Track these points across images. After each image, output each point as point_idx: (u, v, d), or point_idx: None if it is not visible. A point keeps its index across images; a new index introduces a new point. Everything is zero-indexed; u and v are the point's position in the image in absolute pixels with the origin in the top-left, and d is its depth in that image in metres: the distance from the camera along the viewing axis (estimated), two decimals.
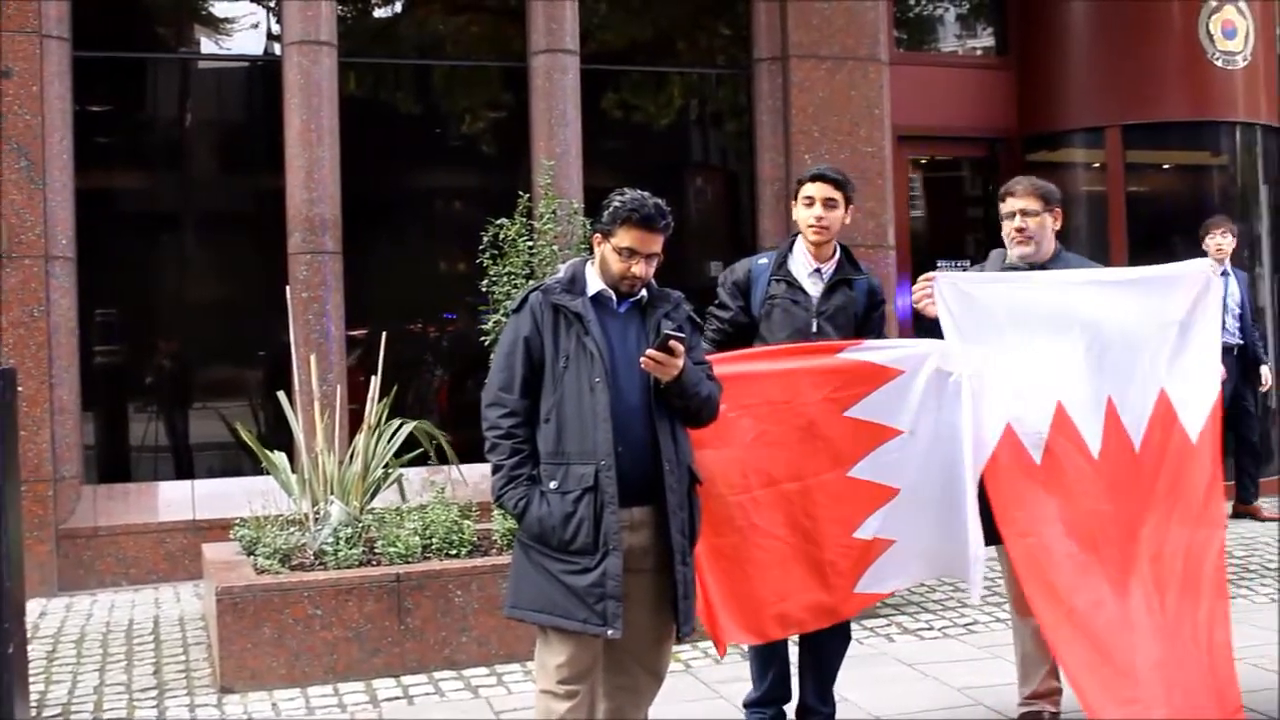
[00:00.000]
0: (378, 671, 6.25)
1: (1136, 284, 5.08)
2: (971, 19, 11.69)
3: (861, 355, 4.96)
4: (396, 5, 9.93)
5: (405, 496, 7.25)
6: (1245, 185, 10.74)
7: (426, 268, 9.76)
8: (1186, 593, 4.74)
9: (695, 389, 4.20)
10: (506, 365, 4.22)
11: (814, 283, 5.18)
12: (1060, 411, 4.87)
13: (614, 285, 4.24)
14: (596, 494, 4.06)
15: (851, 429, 4.93)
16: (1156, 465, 4.89)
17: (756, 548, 4.88)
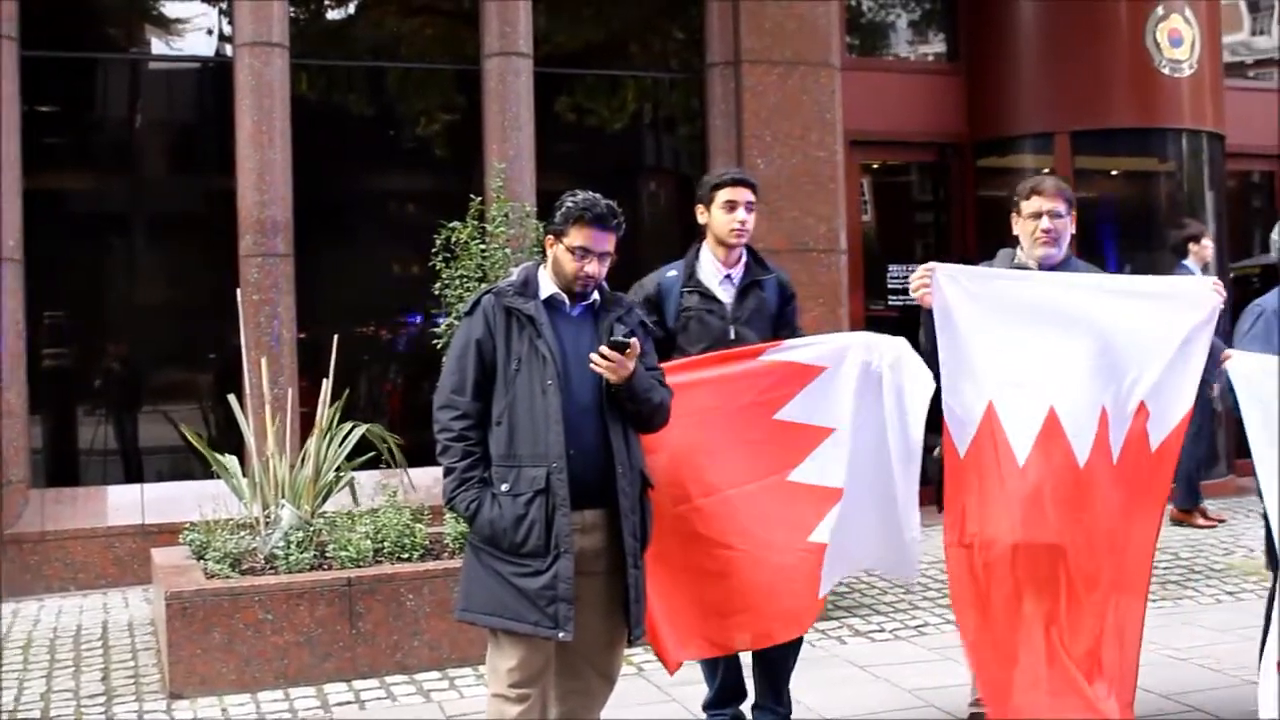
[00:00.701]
0: (329, 676, 6.22)
1: (1143, 297, 4.99)
2: (923, 25, 11.78)
3: (783, 356, 4.95)
4: (350, 7, 9.90)
5: (357, 500, 7.22)
6: (1191, 191, 10.87)
7: (379, 270, 9.73)
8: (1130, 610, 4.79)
9: (646, 394, 4.22)
10: (458, 368, 4.22)
11: (726, 289, 5.17)
12: (1051, 416, 4.81)
13: (567, 286, 4.25)
14: (548, 496, 4.06)
15: (785, 432, 4.92)
16: (1129, 476, 4.87)
17: (706, 558, 4.83)
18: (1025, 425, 4.78)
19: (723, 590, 4.85)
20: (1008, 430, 4.76)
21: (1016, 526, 4.69)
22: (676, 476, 4.78)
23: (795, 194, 9.55)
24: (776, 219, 9.36)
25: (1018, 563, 4.69)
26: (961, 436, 4.79)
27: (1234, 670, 6.02)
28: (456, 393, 4.20)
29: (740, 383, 4.92)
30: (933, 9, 11.62)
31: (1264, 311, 5.29)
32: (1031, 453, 4.75)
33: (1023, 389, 4.81)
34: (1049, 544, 4.69)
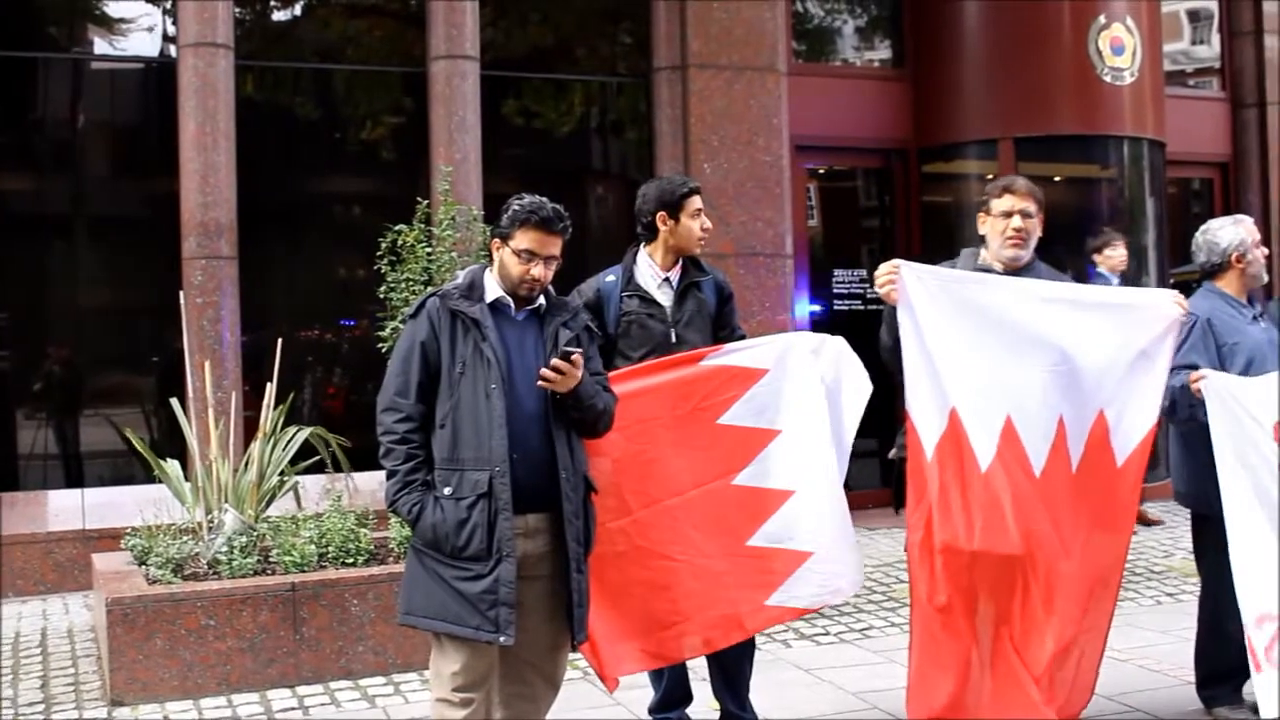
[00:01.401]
0: (272, 682, 6.18)
1: (1105, 308, 5.02)
2: (869, 31, 11.84)
3: (724, 360, 4.96)
4: (295, 8, 9.85)
5: (301, 504, 7.18)
6: (1132, 198, 10.99)
7: (324, 273, 9.67)
8: (1095, 618, 4.82)
9: (591, 400, 4.22)
10: (402, 370, 4.21)
11: (665, 293, 5.19)
12: (1008, 425, 4.80)
13: (513, 289, 4.24)
14: (490, 500, 4.06)
15: (729, 437, 4.91)
16: (1087, 486, 4.88)
17: (645, 570, 4.82)
18: (986, 432, 4.78)
19: (662, 601, 4.84)
20: (971, 436, 4.76)
21: (977, 533, 4.69)
22: (617, 489, 4.76)
23: (742, 199, 9.58)
24: (723, 224, 9.38)
25: (976, 569, 4.70)
26: (929, 437, 4.78)
27: (1173, 671, 6.09)
28: (400, 395, 4.18)
29: (682, 390, 4.91)
30: (879, 15, 11.69)
31: (1197, 320, 5.35)
32: (993, 460, 4.75)
33: (983, 395, 4.81)
34: (1007, 553, 4.68)
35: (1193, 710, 5.62)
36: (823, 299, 10.48)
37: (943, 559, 4.71)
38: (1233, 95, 12.31)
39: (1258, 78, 12.11)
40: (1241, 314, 5.46)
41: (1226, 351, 5.32)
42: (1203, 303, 5.48)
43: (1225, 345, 5.34)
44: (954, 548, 4.69)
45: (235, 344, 8.47)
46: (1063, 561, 4.76)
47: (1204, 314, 5.39)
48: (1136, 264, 10.59)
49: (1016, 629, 4.71)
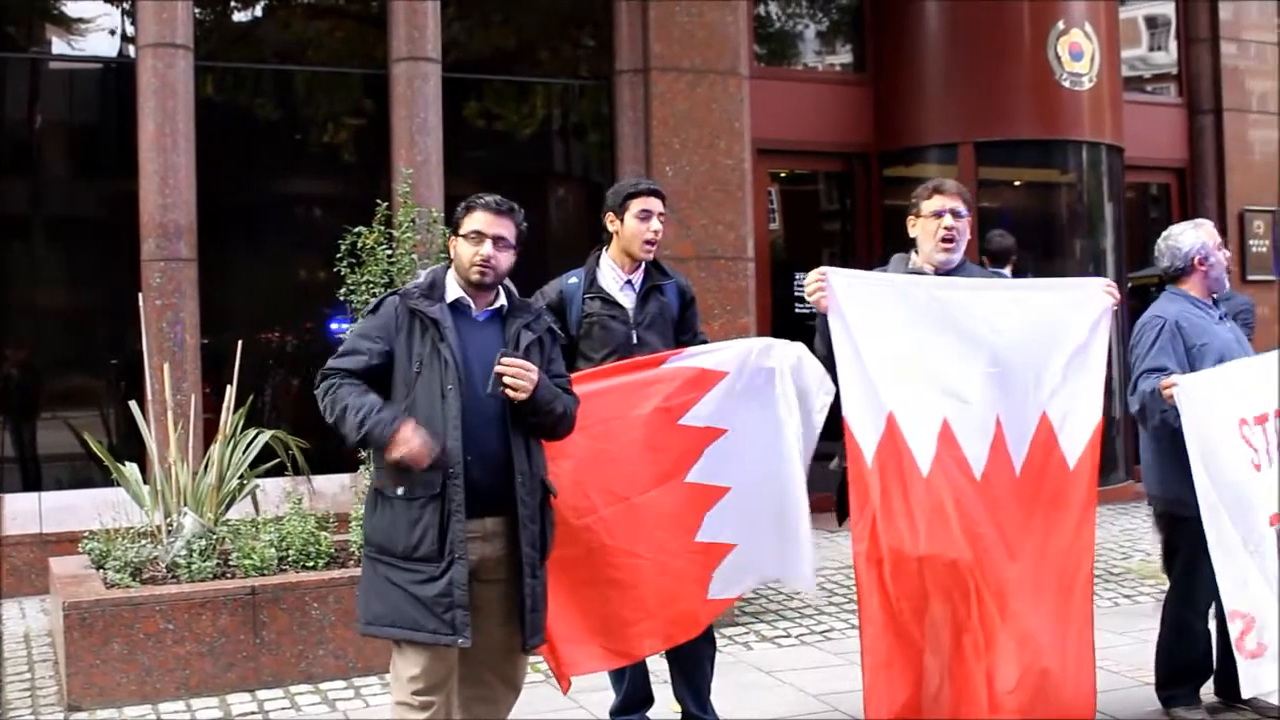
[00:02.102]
0: (232, 686, 6.15)
1: (1038, 304, 5.02)
2: (830, 36, 11.89)
3: (685, 362, 5.00)
4: (256, 9, 9.79)
5: (261, 508, 7.14)
6: (1091, 202, 11.07)
7: (284, 276, 9.63)
8: (1059, 617, 4.80)
9: (550, 405, 4.20)
10: (352, 349, 4.18)
11: (627, 295, 5.21)
12: (945, 427, 4.82)
13: (467, 276, 4.22)
14: (443, 501, 4.03)
15: (687, 436, 4.95)
16: (1035, 489, 4.87)
17: (612, 568, 4.84)
18: (924, 436, 4.78)
19: (628, 599, 4.86)
20: (909, 440, 4.76)
21: (921, 538, 4.68)
22: (581, 488, 4.78)
23: (703, 202, 9.60)
24: (684, 227, 9.41)
25: (925, 574, 4.69)
26: (867, 444, 4.77)
27: (1130, 672, 6.14)
28: (346, 366, 4.15)
29: (644, 390, 4.94)
30: (840, 20, 11.74)
31: (1165, 323, 5.41)
32: (933, 464, 4.75)
33: (918, 398, 4.82)
34: (953, 557, 4.68)
35: (1151, 711, 5.67)
36: (784, 302, 10.51)
37: (890, 566, 4.71)
38: (1190, 101, 12.43)
39: (1214, 84, 12.23)
40: (1208, 315, 5.54)
41: (1196, 353, 5.38)
42: (1170, 305, 5.55)
43: (1194, 347, 5.40)
44: (900, 554, 4.69)
45: (195, 346, 8.41)
46: (1010, 566, 4.76)
47: (1172, 316, 5.45)
48: (1095, 267, 10.68)
49: (979, 638, 4.68)
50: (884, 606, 4.75)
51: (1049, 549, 4.84)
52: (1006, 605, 4.72)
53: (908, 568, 4.69)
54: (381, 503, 4.13)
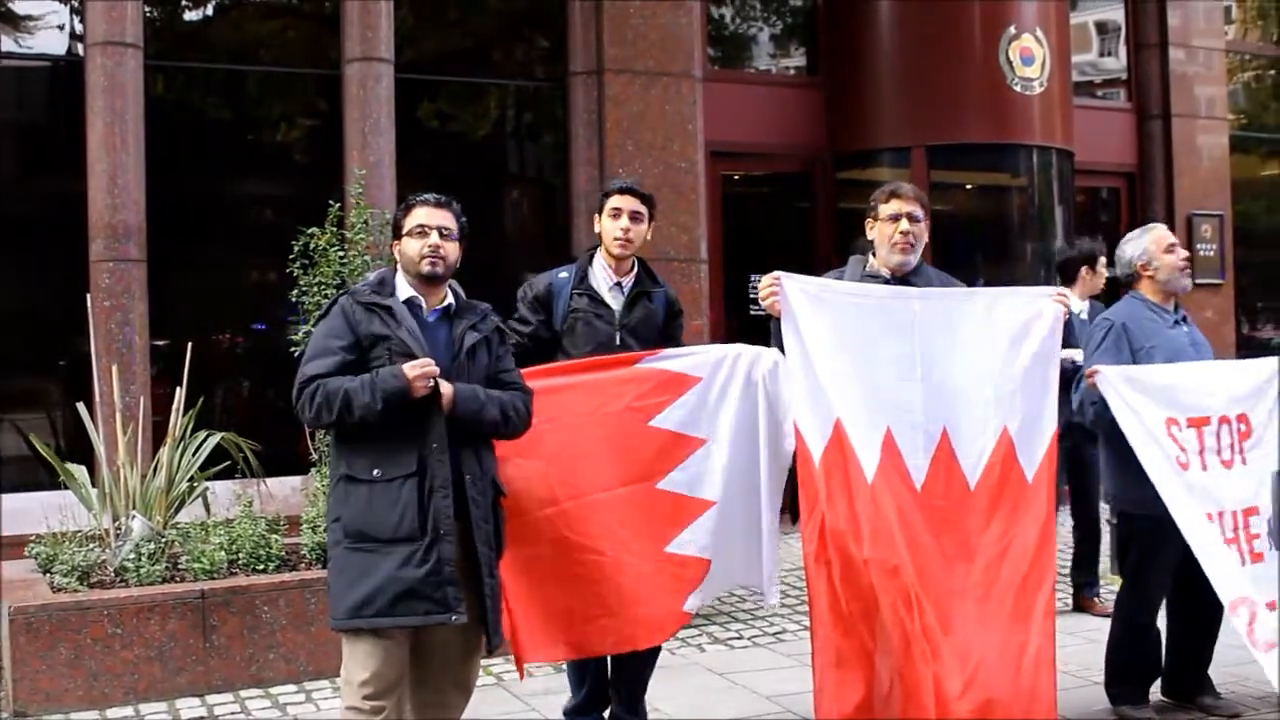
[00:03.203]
0: (181, 691, 6.10)
1: (989, 312, 5.03)
2: (784, 39, 11.92)
3: (658, 364, 4.99)
4: (208, 8, 9.71)
5: (211, 510, 7.09)
6: (1042, 206, 11.13)
7: (236, 277, 9.55)
8: (1012, 633, 4.80)
9: (476, 415, 4.19)
10: (322, 350, 4.18)
11: (615, 296, 5.22)
12: (889, 437, 4.84)
13: (417, 270, 4.25)
14: (424, 479, 4.05)
15: (658, 440, 4.95)
16: (992, 505, 4.89)
17: (573, 562, 4.84)
18: (869, 443, 4.81)
19: (587, 594, 4.87)
20: (855, 447, 4.78)
21: (865, 543, 4.70)
22: (545, 480, 4.80)
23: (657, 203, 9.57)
24: None
25: (869, 577, 4.69)
26: (815, 447, 4.80)
27: (1080, 671, 6.19)
28: (321, 371, 4.13)
29: (615, 388, 4.95)
30: (793, 23, 11.77)
31: (1113, 325, 5.51)
32: (877, 472, 4.78)
33: (865, 405, 4.84)
34: (895, 564, 4.70)
35: (1099, 710, 5.72)
36: (738, 304, 10.52)
37: (839, 569, 4.73)
38: (1139, 106, 12.53)
39: (1163, 90, 12.34)
40: (1162, 318, 5.62)
41: (1144, 355, 5.47)
42: (1122, 308, 5.66)
43: (1141, 349, 5.49)
44: (848, 557, 4.71)
45: (144, 348, 8.33)
46: (954, 579, 4.79)
47: (1120, 319, 5.56)
48: (1045, 271, 10.75)
49: (924, 646, 4.68)
50: (833, 608, 4.76)
51: (1007, 562, 4.85)
52: (949, 618, 4.74)
53: (855, 570, 4.70)
54: (354, 488, 4.12)
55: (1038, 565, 4.86)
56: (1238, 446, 5.32)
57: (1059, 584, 8.06)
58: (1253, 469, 5.35)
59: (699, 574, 5.03)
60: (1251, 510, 5.30)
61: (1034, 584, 4.84)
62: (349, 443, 4.18)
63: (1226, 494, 5.25)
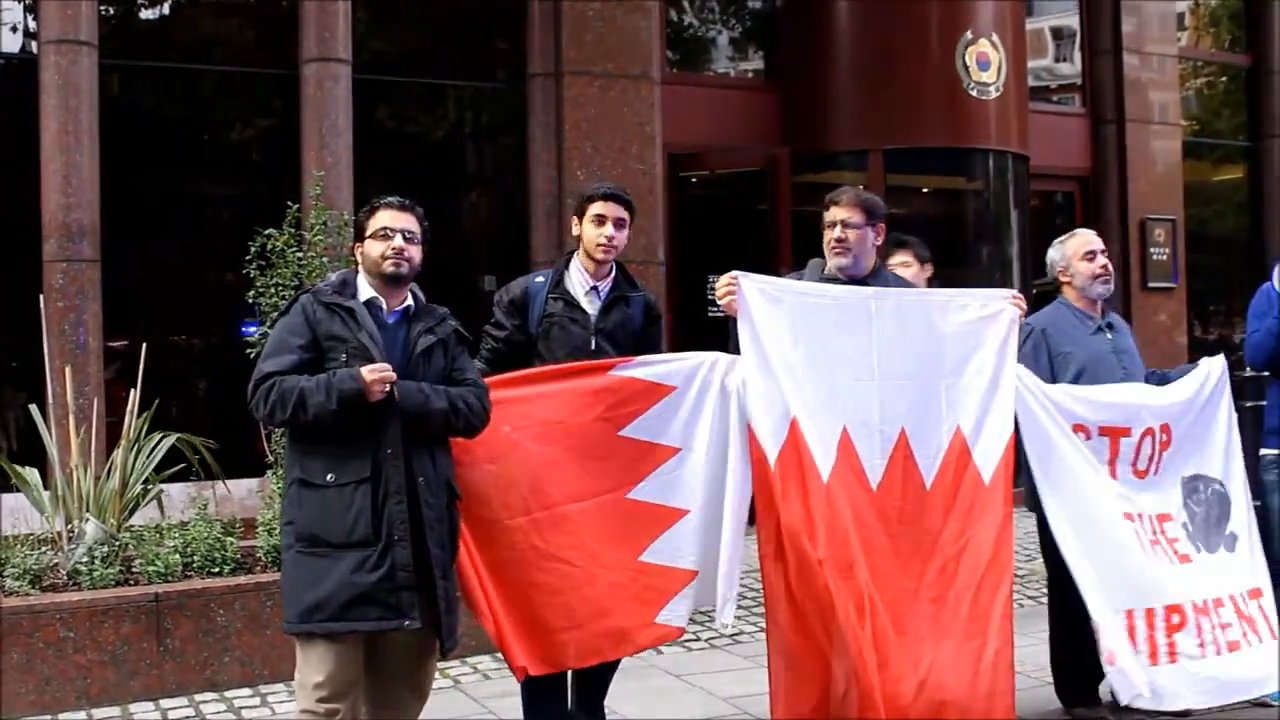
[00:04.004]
0: (135, 695, 6.06)
1: (945, 314, 5.07)
2: (743, 42, 11.95)
3: (631, 372, 4.94)
4: (164, 7, 9.65)
5: (166, 513, 7.04)
6: (998, 210, 11.22)
7: (191, 277, 9.48)
8: (969, 635, 4.81)
9: (423, 408, 4.19)
10: (280, 347, 4.18)
11: (591, 301, 5.19)
12: (845, 437, 4.86)
13: (381, 271, 4.24)
14: (378, 484, 4.05)
15: (629, 449, 4.89)
16: (948, 505, 4.92)
17: (540, 572, 4.78)
18: (825, 443, 4.82)
19: (556, 605, 4.80)
20: (811, 447, 4.80)
21: (821, 544, 4.71)
22: (516, 488, 4.75)
23: None
24: None
25: (824, 578, 4.68)
26: (770, 448, 4.79)
27: (1034, 672, 6.22)
28: (278, 368, 4.13)
29: (587, 397, 4.89)
30: (752, 26, 11.81)
31: (1034, 330, 5.63)
32: (832, 472, 4.80)
33: (821, 405, 4.86)
34: (849, 565, 4.72)
35: (1053, 710, 5.77)
36: (695, 306, 10.54)
37: (794, 570, 4.73)
38: (1093, 111, 12.64)
39: (1117, 95, 12.45)
40: (1085, 324, 5.68)
41: (1060, 361, 5.57)
42: (1045, 313, 5.79)
43: (1058, 355, 5.60)
44: (802, 558, 4.70)
45: (98, 349, 8.27)
46: (908, 579, 4.82)
47: (1040, 324, 5.68)
48: (1001, 274, 10.83)
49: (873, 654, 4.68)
50: (788, 609, 4.78)
51: (964, 564, 4.87)
52: (903, 619, 4.77)
53: (810, 571, 4.70)
54: (308, 492, 4.11)
55: (995, 567, 4.87)
56: (1156, 457, 5.39)
57: (1016, 583, 8.17)
58: (1164, 477, 5.42)
59: (676, 584, 4.94)
60: (1165, 516, 5.40)
61: (991, 585, 4.86)
62: (303, 446, 4.17)
63: (1139, 500, 5.34)
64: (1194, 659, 5.21)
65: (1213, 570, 5.42)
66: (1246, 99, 14.03)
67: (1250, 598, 5.47)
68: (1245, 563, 5.53)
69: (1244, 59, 13.97)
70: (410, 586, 4.07)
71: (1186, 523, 5.43)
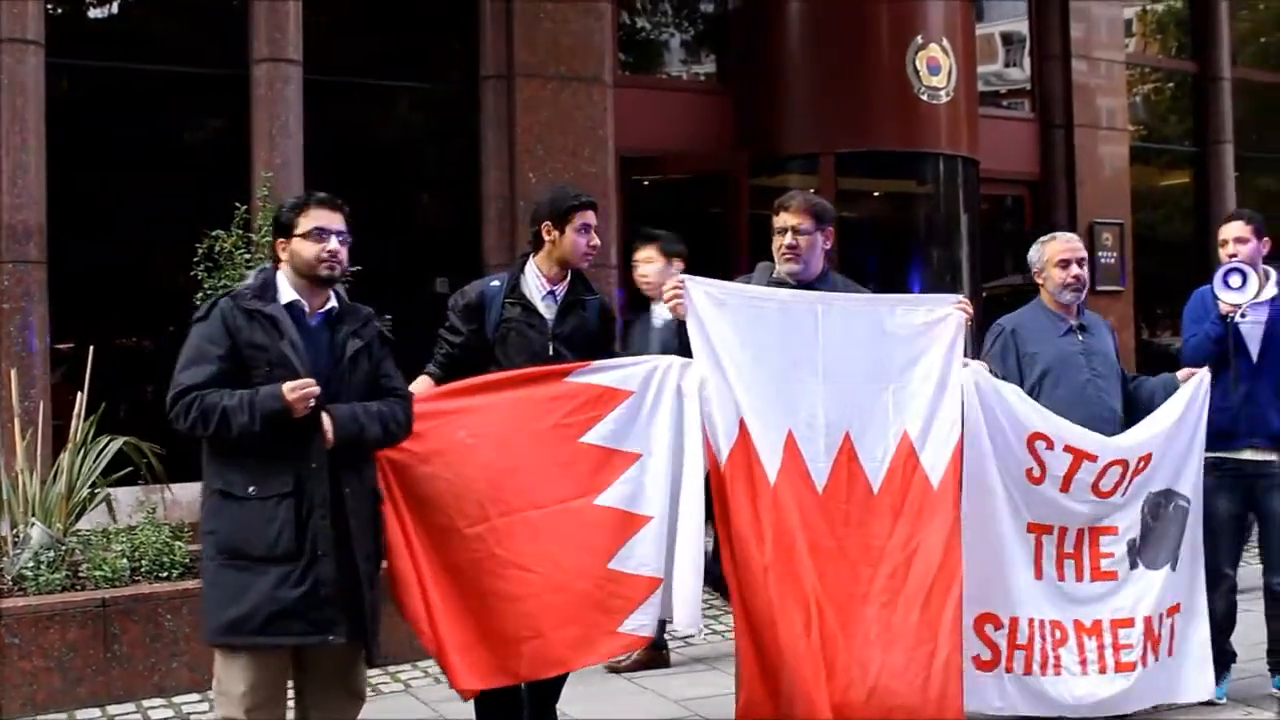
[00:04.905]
0: (81, 702, 6.01)
1: (892, 318, 5.08)
2: (695, 45, 11.97)
3: (588, 378, 4.91)
4: (113, 6, 9.56)
5: (114, 517, 6.98)
6: (948, 213, 11.27)
7: (139, 279, 9.40)
8: (920, 640, 4.83)
9: (359, 438, 4.16)
10: (199, 356, 4.07)
11: (548, 305, 5.18)
12: (790, 439, 4.88)
13: (312, 272, 4.15)
14: (301, 499, 3.98)
15: (591, 455, 4.84)
16: (895, 509, 4.94)
17: (500, 580, 4.71)
18: (772, 445, 4.84)
19: (515, 613, 4.72)
20: (759, 449, 4.82)
21: (768, 547, 4.73)
22: (475, 495, 4.69)
23: None
24: None
25: (770, 582, 4.71)
26: (723, 448, 4.81)
27: None
28: (198, 388, 4.03)
29: (544, 405, 4.85)
30: (704, 30, 11.83)
31: (1003, 331, 5.71)
32: (779, 474, 4.82)
33: (768, 408, 4.88)
34: (796, 569, 4.74)
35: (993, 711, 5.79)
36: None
37: (742, 576, 4.75)
38: (1042, 116, 12.74)
39: (1065, 100, 12.56)
40: (1055, 325, 5.73)
41: (1026, 361, 5.62)
42: (1019, 313, 5.85)
43: (1025, 355, 5.65)
44: (747, 564, 4.72)
45: (45, 351, 8.18)
46: (857, 582, 4.84)
47: (1010, 324, 5.74)
48: (951, 278, 10.90)
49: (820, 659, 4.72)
50: (741, 614, 4.79)
51: (914, 568, 4.89)
52: (851, 624, 4.80)
53: (756, 581, 4.72)
54: (228, 504, 4.03)
55: (945, 571, 4.89)
56: (1127, 482, 5.42)
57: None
58: (1130, 497, 5.46)
59: (642, 593, 4.87)
60: (1109, 530, 5.42)
61: (941, 590, 4.88)
62: (223, 457, 4.09)
63: (1079, 513, 5.37)
64: (1074, 675, 5.31)
65: (1140, 589, 5.46)
66: (1193, 105, 14.20)
67: (1169, 614, 5.52)
68: (1180, 579, 5.56)
69: (1190, 65, 14.14)
70: (334, 601, 4.00)
71: (1136, 538, 5.46)
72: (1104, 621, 5.39)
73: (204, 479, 4.19)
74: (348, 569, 4.10)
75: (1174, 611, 5.54)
